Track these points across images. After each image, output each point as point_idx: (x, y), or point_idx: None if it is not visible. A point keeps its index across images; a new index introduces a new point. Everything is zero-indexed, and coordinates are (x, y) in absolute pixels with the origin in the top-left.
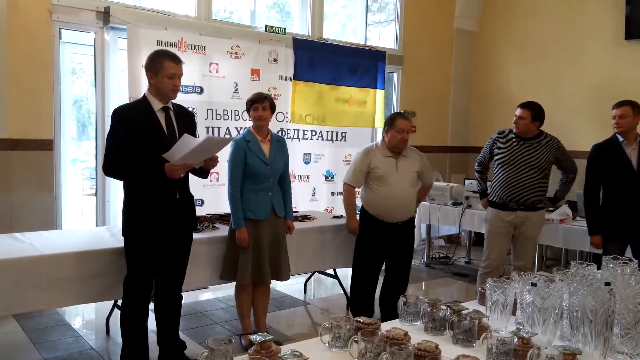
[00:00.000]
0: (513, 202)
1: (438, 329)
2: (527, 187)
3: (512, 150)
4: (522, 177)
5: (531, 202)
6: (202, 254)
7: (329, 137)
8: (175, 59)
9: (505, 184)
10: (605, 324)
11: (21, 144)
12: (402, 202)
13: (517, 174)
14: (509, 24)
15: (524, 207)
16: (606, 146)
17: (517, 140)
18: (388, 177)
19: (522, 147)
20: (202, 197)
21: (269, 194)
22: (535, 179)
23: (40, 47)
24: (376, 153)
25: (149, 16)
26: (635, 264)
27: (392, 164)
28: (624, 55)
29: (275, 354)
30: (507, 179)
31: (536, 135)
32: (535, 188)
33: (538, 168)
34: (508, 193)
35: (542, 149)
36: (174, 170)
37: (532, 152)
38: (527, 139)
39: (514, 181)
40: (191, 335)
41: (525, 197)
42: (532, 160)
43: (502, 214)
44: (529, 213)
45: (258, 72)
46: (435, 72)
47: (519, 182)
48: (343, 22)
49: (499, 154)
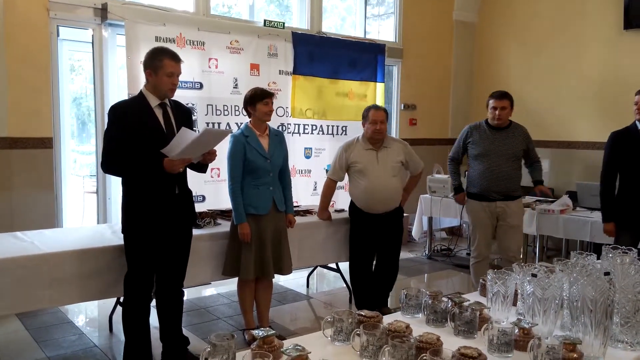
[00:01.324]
0: (493, 193)
1: (439, 321)
2: (506, 176)
3: (488, 142)
4: (500, 167)
5: (510, 191)
6: (204, 249)
7: (329, 131)
8: (175, 57)
9: (483, 175)
10: (605, 314)
11: (21, 142)
12: (384, 194)
13: (495, 164)
14: (509, 15)
15: (504, 197)
16: (625, 133)
17: (491, 131)
18: (368, 170)
19: (496, 137)
20: (203, 193)
21: (270, 189)
22: (511, 168)
23: (38, 44)
24: (357, 147)
25: (147, 12)
26: (635, 253)
27: (373, 156)
28: (623, 45)
29: (278, 349)
30: (485, 170)
31: (508, 125)
32: (512, 177)
33: (514, 157)
34: (487, 184)
35: (516, 138)
36: (172, 165)
37: (506, 142)
38: (500, 129)
39: (492, 172)
40: (194, 330)
41: (504, 186)
42: (508, 150)
43: (483, 204)
44: (509, 202)
45: (257, 67)
46: (435, 65)
47: (498, 173)
48: (342, 16)
49: (475, 147)
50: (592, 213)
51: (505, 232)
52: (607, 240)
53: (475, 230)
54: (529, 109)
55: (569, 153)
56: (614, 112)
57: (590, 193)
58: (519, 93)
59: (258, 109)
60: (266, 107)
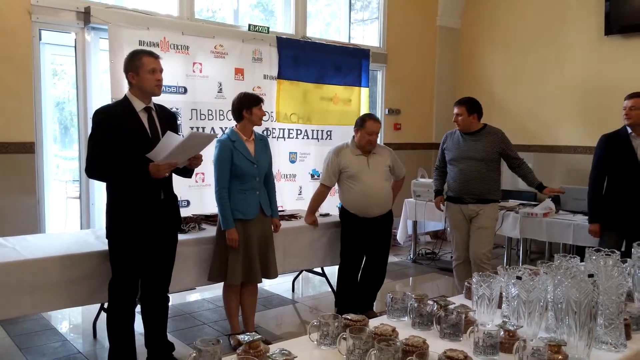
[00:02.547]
0: (465, 195)
1: (425, 324)
2: (475, 179)
3: (459, 147)
4: (469, 170)
5: (482, 193)
6: (189, 255)
7: (314, 136)
8: (153, 54)
9: (455, 178)
10: (590, 315)
11: (2, 147)
12: (379, 196)
13: (464, 167)
14: (492, 20)
15: (477, 199)
16: (614, 137)
17: (462, 136)
18: (361, 175)
19: (467, 142)
20: (188, 197)
21: (257, 193)
22: (481, 171)
23: (20, 48)
24: (347, 152)
25: (130, 16)
26: (618, 255)
27: (364, 162)
28: (605, 50)
29: (264, 354)
30: (456, 173)
31: (480, 129)
32: (483, 179)
33: (483, 160)
34: (459, 187)
35: (487, 142)
36: (158, 170)
37: (476, 145)
38: (471, 134)
39: (462, 175)
40: (179, 336)
41: (475, 188)
42: (477, 153)
43: (458, 207)
44: (482, 205)
45: (242, 72)
46: (419, 70)
47: (467, 175)
48: (327, 21)
49: (448, 153)
50: (575, 216)
51: (475, 235)
52: (590, 242)
53: (452, 232)
54: (511, 113)
55: (551, 157)
56: (597, 117)
57: (572, 196)
58: (501, 98)
59: (254, 113)
60: (261, 112)
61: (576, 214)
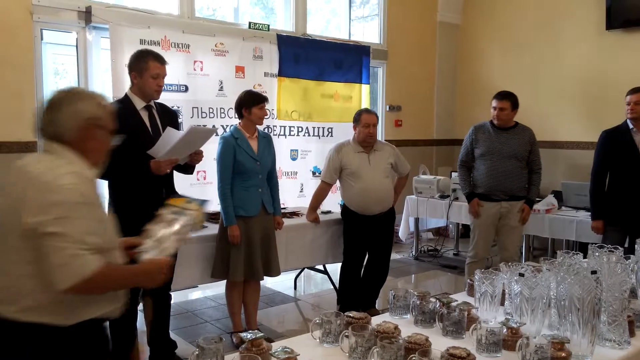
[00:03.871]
0: (498, 192)
1: (428, 321)
2: (509, 176)
3: (492, 141)
4: (504, 167)
5: (514, 191)
6: (191, 252)
7: (315, 133)
8: (160, 59)
9: (488, 174)
10: (593, 312)
11: (4, 146)
12: (379, 194)
13: (498, 163)
14: (491, 15)
15: (509, 197)
16: (615, 132)
17: (495, 131)
18: (362, 172)
19: (500, 137)
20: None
21: (259, 190)
22: (515, 168)
23: (21, 48)
24: (348, 150)
25: (131, 15)
26: (621, 251)
27: (365, 159)
28: (606, 45)
29: (266, 351)
30: (489, 169)
31: (513, 126)
32: (516, 176)
33: (517, 157)
34: (492, 184)
35: (520, 139)
36: (159, 166)
37: (510, 142)
38: (505, 129)
39: (496, 171)
40: (182, 334)
41: (509, 186)
42: (511, 150)
43: (487, 205)
44: (513, 203)
45: (243, 69)
46: (419, 66)
47: (501, 172)
48: (327, 18)
49: (479, 147)
50: (578, 212)
51: (506, 233)
52: (593, 239)
53: (475, 230)
54: None
55: (553, 153)
56: (598, 112)
57: (575, 192)
58: None
59: (253, 113)
60: (261, 112)
61: (579, 210)
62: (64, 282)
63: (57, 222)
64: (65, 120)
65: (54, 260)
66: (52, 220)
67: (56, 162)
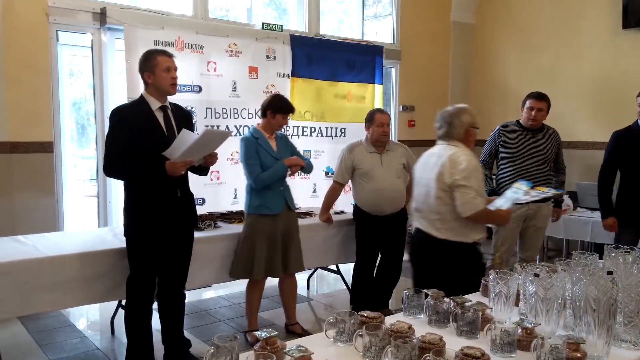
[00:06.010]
0: None
1: (442, 321)
2: (539, 178)
3: (520, 143)
4: (533, 169)
5: None
6: (205, 252)
7: (328, 133)
8: (166, 53)
9: (515, 177)
10: (608, 313)
11: (21, 146)
12: (391, 195)
13: (527, 166)
14: (506, 15)
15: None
16: (626, 133)
17: (523, 132)
18: (374, 173)
19: (529, 139)
20: (203, 195)
21: (281, 188)
22: (544, 170)
23: (37, 49)
24: (361, 150)
25: (145, 16)
26: (637, 252)
27: (377, 159)
28: (622, 44)
29: (281, 350)
30: (518, 171)
31: (541, 127)
32: (544, 178)
33: (546, 159)
34: None
35: (548, 141)
36: (174, 168)
37: (539, 144)
38: (533, 131)
39: (525, 173)
40: (196, 333)
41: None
42: (540, 152)
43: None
44: (540, 205)
45: (256, 70)
46: (433, 66)
47: (531, 174)
48: (340, 18)
49: (506, 148)
50: (593, 213)
51: (529, 234)
52: (608, 239)
53: (499, 232)
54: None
55: (568, 153)
56: (614, 112)
57: (590, 193)
58: (516, 94)
59: (277, 118)
60: (283, 120)
61: (594, 210)
62: (466, 212)
63: (464, 179)
64: (458, 127)
65: (463, 199)
66: (461, 178)
67: (456, 149)
